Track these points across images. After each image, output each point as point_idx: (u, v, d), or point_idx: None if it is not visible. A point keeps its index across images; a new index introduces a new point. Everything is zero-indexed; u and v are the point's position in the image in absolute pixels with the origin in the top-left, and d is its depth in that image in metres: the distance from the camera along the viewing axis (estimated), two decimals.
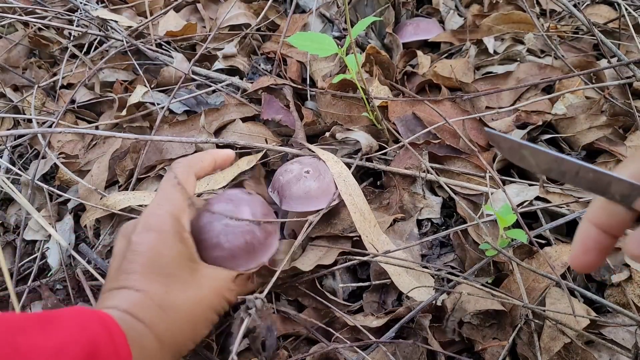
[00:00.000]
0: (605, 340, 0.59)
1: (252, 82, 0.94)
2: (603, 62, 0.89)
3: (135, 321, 0.38)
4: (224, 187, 0.76)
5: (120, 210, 0.75)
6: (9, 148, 0.90)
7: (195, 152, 0.85)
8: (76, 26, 1.07)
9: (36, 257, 0.78)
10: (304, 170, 0.70)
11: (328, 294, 0.64)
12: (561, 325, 0.58)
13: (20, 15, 1.04)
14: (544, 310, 0.59)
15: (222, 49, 1.03)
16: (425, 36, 1.01)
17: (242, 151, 0.83)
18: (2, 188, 0.84)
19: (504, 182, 0.74)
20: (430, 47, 1.03)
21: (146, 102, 0.94)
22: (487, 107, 0.86)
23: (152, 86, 0.98)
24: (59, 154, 0.89)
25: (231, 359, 0.34)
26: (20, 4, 1.14)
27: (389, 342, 0.59)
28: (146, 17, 1.12)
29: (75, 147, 0.91)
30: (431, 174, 0.73)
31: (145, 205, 0.77)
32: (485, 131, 0.29)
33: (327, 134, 0.84)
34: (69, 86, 1.04)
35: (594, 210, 0.30)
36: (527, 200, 0.70)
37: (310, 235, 0.69)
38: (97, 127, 0.94)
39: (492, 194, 0.70)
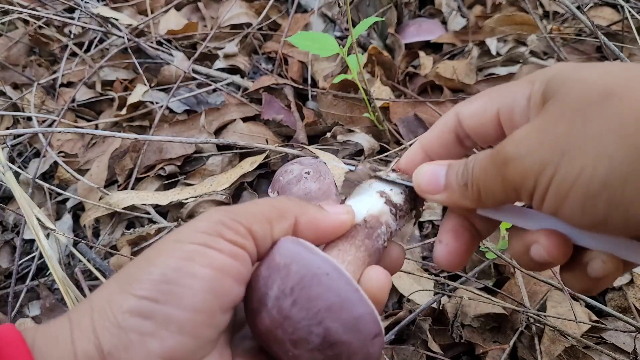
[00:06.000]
0: (605, 344, 0.58)
1: (253, 81, 0.94)
2: None
3: None
4: (226, 188, 0.76)
5: (122, 208, 0.75)
6: (8, 146, 0.90)
7: (196, 152, 0.85)
8: (77, 23, 1.07)
9: (35, 256, 0.78)
10: (305, 171, 0.69)
11: None
12: (560, 331, 0.57)
13: (20, 12, 1.03)
14: (545, 316, 0.59)
15: (223, 48, 1.03)
16: (427, 37, 1.00)
17: (243, 151, 0.83)
18: (4, 184, 0.84)
19: None
20: (433, 48, 1.03)
21: (146, 101, 0.93)
22: None
23: (152, 85, 0.98)
24: (59, 152, 0.89)
25: None
26: (21, 1, 1.13)
27: (388, 347, 0.59)
28: (147, 16, 1.11)
29: (74, 146, 0.91)
30: None
31: (149, 205, 0.77)
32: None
33: (328, 134, 0.83)
34: (69, 84, 1.04)
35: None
36: None
37: None
38: (96, 126, 0.94)
39: None
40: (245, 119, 0.88)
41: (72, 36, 1.10)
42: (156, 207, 0.78)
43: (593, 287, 0.27)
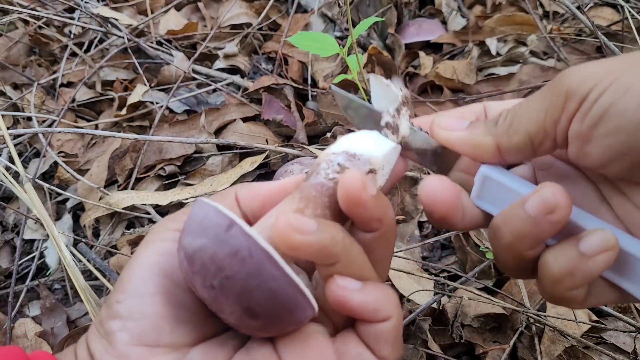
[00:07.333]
0: (605, 344, 0.58)
1: (253, 81, 0.94)
2: None
3: None
4: (226, 188, 0.76)
5: (122, 209, 0.75)
6: (8, 146, 0.89)
7: (196, 152, 0.85)
8: (77, 23, 1.07)
9: (34, 256, 0.78)
10: (305, 171, 0.69)
11: None
12: (560, 331, 0.57)
13: (20, 12, 1.03)
14: (545, 316, 0.59)
15: (223, 48, 1.03)
16: (427, 37, 1.00)
17: (243, 151, 0.83)
18: (3, 183, 0.84)
19: None
20: (433, 48, 1.03)
21: (146, 101, 0.93)
22: None
23: (152, 85, 0.98)
24: (59, 152, 0.89)
25: None
26: (21, 1, 1.13)
27: None
28: (147, 16, 1.11)
29: (74, 146, 0.91)
30: None
31: (149, 205, 0.77)
32: (331, 88, 0.33)
33: (328, 134, 0.83)
34: (69, 84, 1.04)
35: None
36: None
37: None
38: (96, 126, 0.94)
39: None
40: (245, 119, 0.88)
41: (72, 36, 1.10)
42: (156, 207, 0.78)
43: (577, 273, 0.25)
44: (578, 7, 0.81)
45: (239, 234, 0.23)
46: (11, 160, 0.91)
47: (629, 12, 0.89)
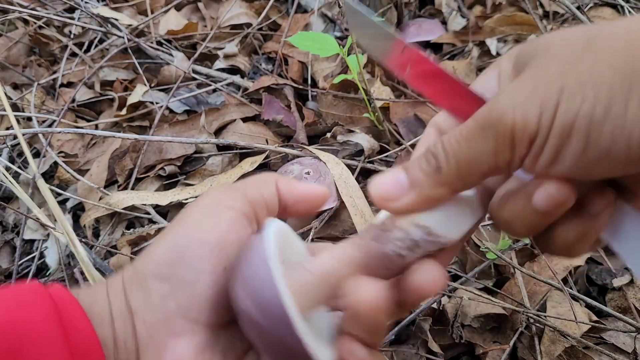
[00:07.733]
0: (605, 345, 0.58)
1: (253, 82, 0.94)
2: None
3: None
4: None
5: (122, 209, 0.75)
6: (8, 146, 0.90)
7: (196, 152, 0.85)
8: (77, 23, 1.07)
9: (35, 256, 0.78)
10: (305, 171, 0.69)
11: None
12: (560, 331, 0.57)
13: (20, 12, 1.03)
14: (545, 317, 0.59)
15: (223, 48, 1.03)
16: (427, 37, 1.00)
17: (243, 151, 0.83)
18: (3, 183, 0.84)
19: None
20: (433, 48, 1.03)
21: (146, 101, 0.93)
22: None
23: (152, 85, 0.98)
24: (59, 152, 0.89)
25: None
26: (21, 1, 1.13)
27: (388, 348, 0.59)
28: (147, 16, 1.11)
29: (74, 146, 0.91)
30: None
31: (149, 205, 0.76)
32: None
33: (328, 134, 0.83)
34: (69, 84, 1.04)
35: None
36: None
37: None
38: (96, 126, 0.94)
39: None
40: (245, 119, 0.88)
41: (72, 36, 1.10)
42: (156, 207, 0.78)
43: (588, 234, 0.26)
44: (578, 7, 0.81)
45: (293, 333, 0.25)
46: (11, 160, 0.91)
47: (629, 12, 0.89)
